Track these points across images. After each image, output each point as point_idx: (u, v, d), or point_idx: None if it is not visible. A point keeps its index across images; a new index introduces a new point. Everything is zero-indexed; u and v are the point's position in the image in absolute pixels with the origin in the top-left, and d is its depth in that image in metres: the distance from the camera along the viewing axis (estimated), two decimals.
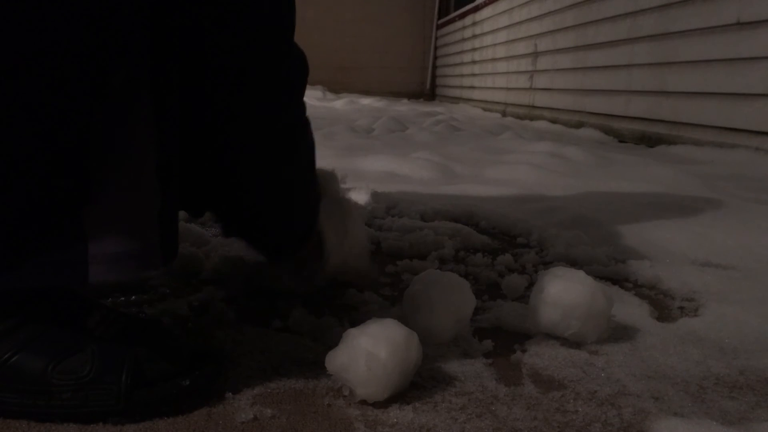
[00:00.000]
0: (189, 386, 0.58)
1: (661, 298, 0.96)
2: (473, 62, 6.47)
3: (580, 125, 3.81)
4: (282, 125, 0.75)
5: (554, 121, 4.21)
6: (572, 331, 0.75)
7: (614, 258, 1.11)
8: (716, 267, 1.08)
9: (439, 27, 8.29)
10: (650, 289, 0.99)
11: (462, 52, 6.94)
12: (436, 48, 8.43)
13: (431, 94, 8.53)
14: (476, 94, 6.37)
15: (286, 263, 0.89)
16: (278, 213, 0.80)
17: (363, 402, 0.60)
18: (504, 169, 2.04)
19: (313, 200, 0.85)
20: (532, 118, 4.58)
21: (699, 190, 1.73)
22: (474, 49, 6.43)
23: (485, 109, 5.86)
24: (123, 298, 0.84)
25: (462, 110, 5.99)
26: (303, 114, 0.79)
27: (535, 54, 4.61)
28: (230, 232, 0.88)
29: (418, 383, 0.64)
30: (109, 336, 0.59)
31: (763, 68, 2.30)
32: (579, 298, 0.74)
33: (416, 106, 6.20)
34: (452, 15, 7.51)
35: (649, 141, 3.08)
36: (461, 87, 7.02)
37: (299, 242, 0.85)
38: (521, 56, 4.95)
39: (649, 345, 0.77)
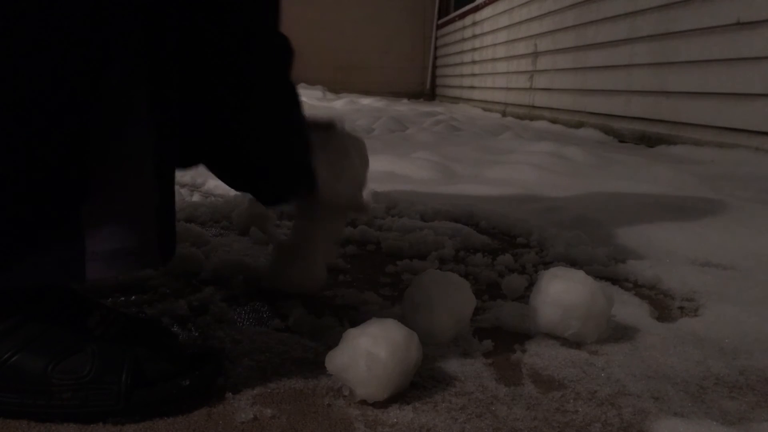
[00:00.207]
0: (189, 386, 0.58)
1: (661, 298, 0.96)
2: (473, 62, 6.47)
3: (580, 125, 3.81)
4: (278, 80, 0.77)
5: (554, 121, 4.21)
6: (572, 331, 0.75)
7: (614, 258, 1.11)
8: (716, 267, 1.08)
9: (439, 27, 8.29)
10: (650, 289, 0.99)
11: (462, 52, 6.94)
12: (436, 48, 8.43)
13: (431, 94, 8.53)
14: (476, 94, 6.37)
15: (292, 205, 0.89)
16: (271, 161, 0.80)
17: (363, 402, 0.60)
18: (504, 169, 2.04)
19: (305, 142, 0.84)
20: (532, 118, 4.58)
21: (699, 190, 1.73)
22: (474, 49, 6.43)
23: (485, 109, 5.86)
24: (123, 298, 0.84)
25: (462, 110, 5.99)
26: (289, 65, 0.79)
27: (535, 54, 4.61)
28: (226, 181, 0.86)
29: (418, 383, 0.64)
30: (109, 336, 0.59)
31: (763, 68, 2.30)
32: (579, 298, 0.74)
33: (416, 106, 6.19)
34: (452, 15, 7.51)
35: (649, 141, 3.08)
36: (461, 87, 7.02)
37: (300, 184, 0.84)
38: (521, 56, 4.95)
39: (649, 345, 0.77)
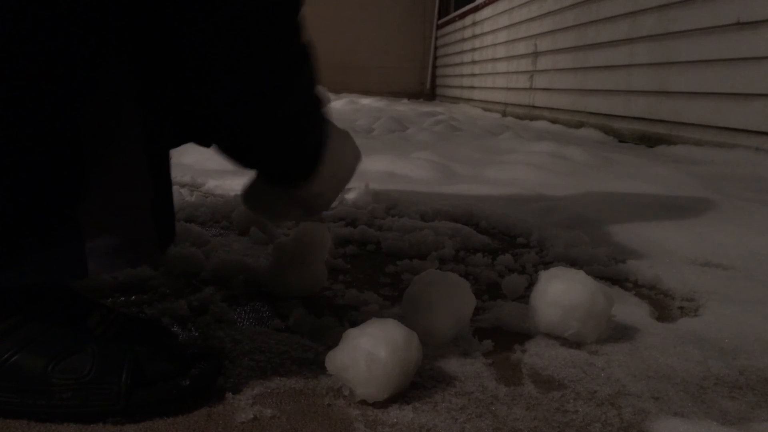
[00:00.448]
0: (189, 386, 0.58)
1: (661, 298, 0.96)
2: (473, 62, 6.47)
3: (580, 125, 3.81)
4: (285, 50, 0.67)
5: (554, 121, 4.21)
6: (572, 331, 0.75)
7: (614, 258, 1.11)
8: (716, 267, 1.08)
9: (439, 27, 8.29)
10: (650, 289, 0.99)
11: (462, 52, 6.94)
12: (436, 48, 8.43)
13: (431, 94, 8.53)
14: (476, 94, 6.37)
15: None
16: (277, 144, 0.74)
17: (363, 402, 0.60)
18: (504, 169, 2.04)
19: (319, 123, 0.78)
20: (532, 118, 4.59)
21: (699, 190, 1.73)
22: (474, 49, 6.43)
23: (485, 109, 5.86)
24: (123, 298, 0.84)
25: (462, 110, 5.99)
26: (298, 41, 0.69)
27: (535, 54, 4.61)
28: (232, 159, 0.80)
29: (418, 383, 0.64)
30: (109, 336, 0.59)
31: (763, 68, 2.30)
32: (579, 299, 0.74)
33: (416, 106, 6.19)
34: (452, 15, 7.51)
35: (649, 141, 3.08)
36: (461, 87, 7.02)
37: (309, 163, 0.79)
38: (521, 56, 4.95)
39: (649, 345, 0.77)
